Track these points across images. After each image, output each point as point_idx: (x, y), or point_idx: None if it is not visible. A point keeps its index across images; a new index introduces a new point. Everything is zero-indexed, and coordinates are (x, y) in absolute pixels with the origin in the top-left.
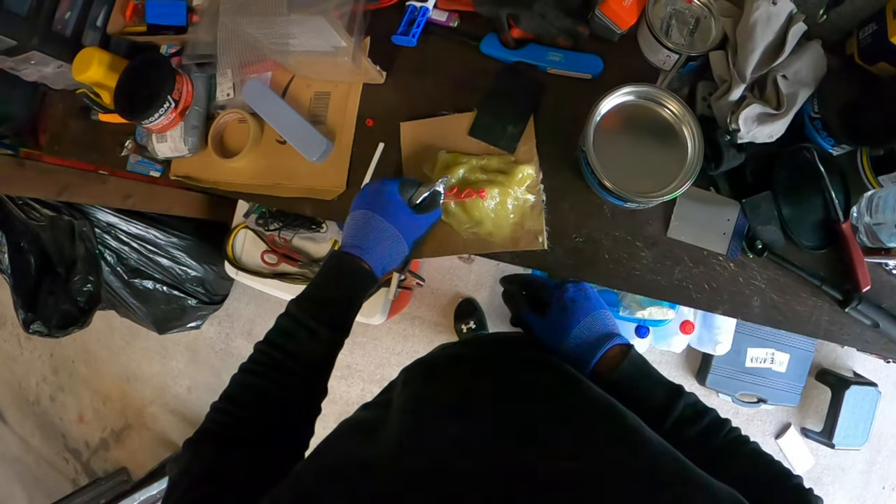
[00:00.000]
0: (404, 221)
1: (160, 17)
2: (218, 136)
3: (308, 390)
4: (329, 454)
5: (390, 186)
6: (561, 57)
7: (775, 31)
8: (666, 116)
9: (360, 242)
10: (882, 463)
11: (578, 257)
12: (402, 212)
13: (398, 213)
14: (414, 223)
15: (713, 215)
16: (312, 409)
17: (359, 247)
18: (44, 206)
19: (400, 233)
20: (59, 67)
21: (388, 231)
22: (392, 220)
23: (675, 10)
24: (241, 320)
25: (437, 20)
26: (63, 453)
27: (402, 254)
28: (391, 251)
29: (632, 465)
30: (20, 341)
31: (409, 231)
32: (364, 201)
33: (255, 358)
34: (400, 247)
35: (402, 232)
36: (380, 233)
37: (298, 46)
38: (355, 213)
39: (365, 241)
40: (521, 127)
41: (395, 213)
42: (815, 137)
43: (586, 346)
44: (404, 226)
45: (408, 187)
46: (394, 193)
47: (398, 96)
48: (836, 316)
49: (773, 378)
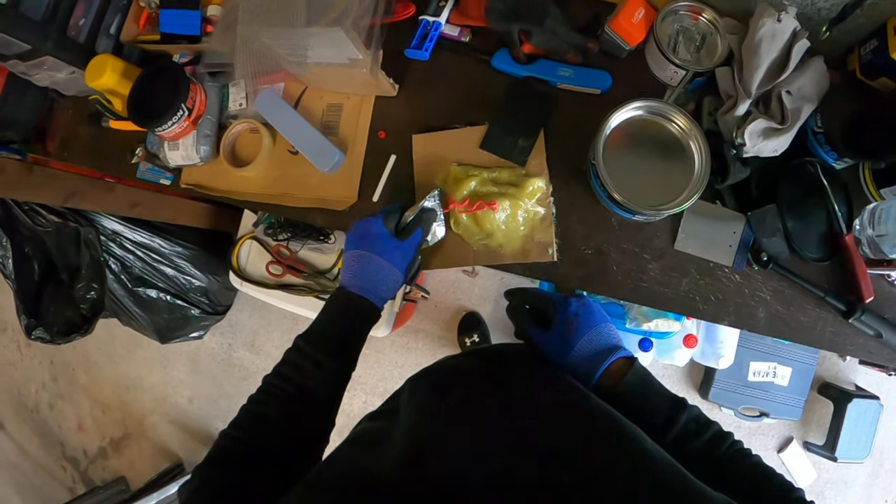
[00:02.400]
0: (391, 252)
1: (174, 27)
2: (230, 146)
3: (313, 420)
4: (336, 466)
5: (375, 221)
6: (571, 72)
7: (779, 47)
8: (673, 131)
9: (358, 281)
10: (884, 476)
11: (587, 269)
12: (388, 243)
13: (384, 245)
14: (399, 250)
15: (719, 228)
16: (318, 438)
17: (357, 285)
18: (50, 212)
19: (391, 263)
20: (71, 73)
21: (380, 265)
22: (380, 254)
23: (683, 27)
24: (243, 331)
25: (449, 35)
26: (61, 461)
27: (398, 281)
28: (386, 283)
29: (634, 478)
30: (20, 347)
31: (398, 258)
32: (354, 241)
33: (262, 388)
34: (393, 276)
35: (392, 262)
36: (373, 268)
37: (315, 58)
38: (348, 253)
39: (361, 279)
40: (532, 140)
41: (381, 247)
42: (818, 151)
43: (590, 360)
44: (392, 256)
45: (391, 216)
46: (378, 227)
47: (410, 109)
48: (839, 327)
49: (775, 392)
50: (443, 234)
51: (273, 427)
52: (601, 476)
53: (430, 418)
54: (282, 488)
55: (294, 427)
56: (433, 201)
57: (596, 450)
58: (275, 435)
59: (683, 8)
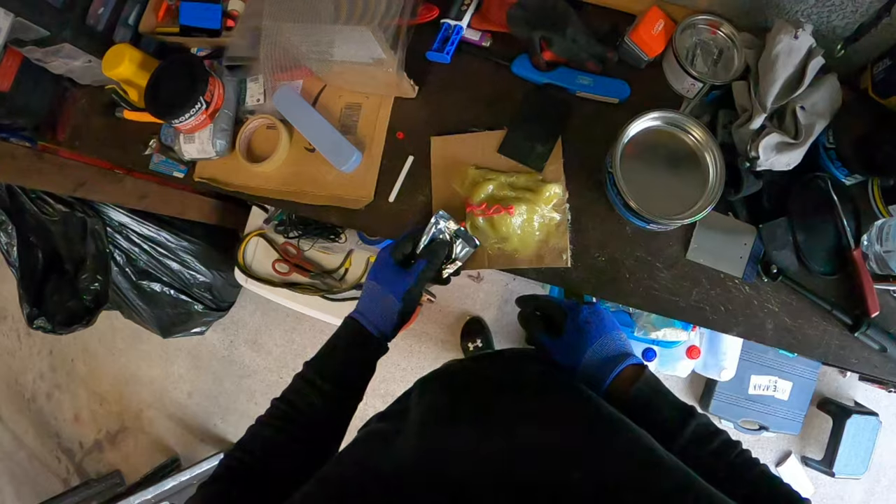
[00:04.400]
0: (391, 280)
1: (194, 20)
2: (246, 141)
3: (316, 444)
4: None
5: (382, 253)
6: (590, 81)
7: (795, 63)
8: (689, 143)
9: (364, 310)
10: (881, 493)
11: (600, 276)
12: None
13: (386, 275)
14: (398, 277)
15: (731, 239)
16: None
17: (363, 314)
18: (57, 201)
19: (390, 293)
20: (87, 62)
21: (382, 294)
22: (382, 283)
23: (701, 40)
24: (245, 329)
25: (470, 39)
26: (56, 452)
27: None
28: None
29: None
30: (20, 336)
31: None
32: (372, 270)
33: (269, 412)
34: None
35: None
36: (377, 298)
37: (339, 56)
38: (366, 282)
39: (367, 309)
40: (550, 147)
41: (384, 276)
42: (829, 167)
43: (600, 366)
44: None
45: (401, 246)
46: (385, 259)
47: (429, 111)
48: (845, 340)
49: (775, 406)
50: (473, 247)
51: (273, 448)
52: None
53: (440, 419)
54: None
55: (294, 449)
56: (438, 226)
57: (607, 454)
58: (279, 458)
59: (702, 22)
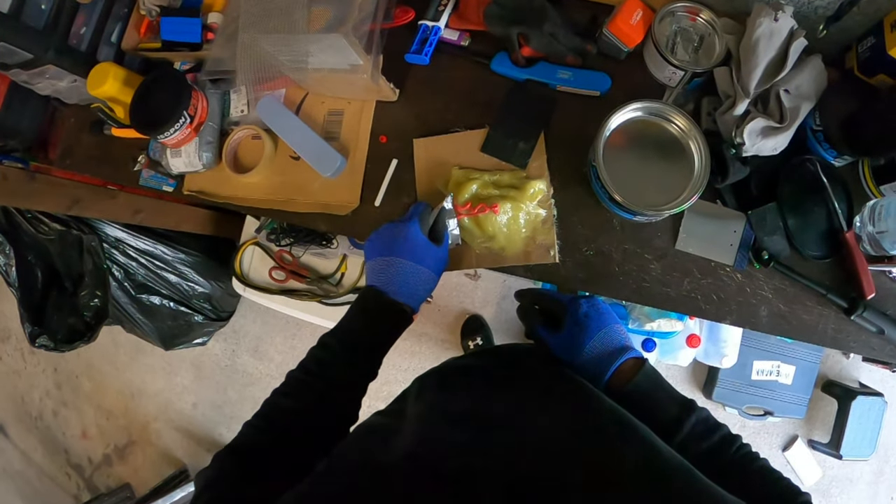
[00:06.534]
0: (432, 259)
1: (175, 34)
2: (232, 152)
3: (334, 412)
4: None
5: (409, 227)
6: (570, 75)
7: (777, 46)
8: (673, 132)
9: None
10: (890, 473)
11: (589, 270)
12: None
13: (421, 252)
14: (439, 255)
15: (720, 227)
16: (339, 430)
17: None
18: (52, 219)
19: (431, 271)
20: (73, 82)
21: (423, 274)
22: (421, 262)
23: (680, 27)
24: (247, 337)
25: (448, 39)
26: (65, 468)
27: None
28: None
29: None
30: (24, 355)
31: (437, 265)
32: (387, 245)
33: (286, 382)
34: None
35: (432, 270)
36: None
37: (315, 64)
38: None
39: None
40: (532, 143)
41: (420, 254)
42: (817, 149)
43: (600, 360)
44: (433, 263)
45: (424, 218)
46: (415, 233)
47: (411, 113)
48: (841, 324)
49: (779, 390)
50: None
51: (291, 418)
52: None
53: (439, 414)
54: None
55: (315, 420)
56: (450, 204)
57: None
58: (293, 426)
59: (681, 9)
